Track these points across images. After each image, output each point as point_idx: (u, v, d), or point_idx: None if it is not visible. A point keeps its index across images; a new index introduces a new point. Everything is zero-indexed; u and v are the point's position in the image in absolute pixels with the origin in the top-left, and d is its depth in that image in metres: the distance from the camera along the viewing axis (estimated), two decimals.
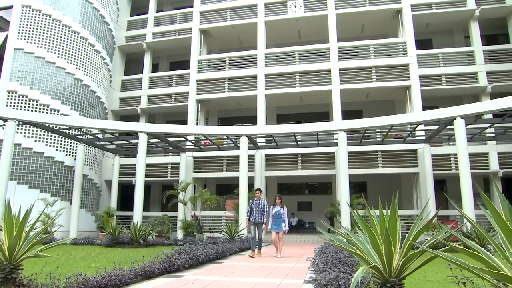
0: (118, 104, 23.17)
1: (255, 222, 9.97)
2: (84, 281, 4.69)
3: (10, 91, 16.89)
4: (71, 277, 4.63)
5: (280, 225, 9.80)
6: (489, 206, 2.15)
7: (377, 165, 17.76)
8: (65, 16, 18.42)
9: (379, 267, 2.86)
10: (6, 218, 4.49)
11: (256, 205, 10.08)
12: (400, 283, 2.85)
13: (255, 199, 10.22)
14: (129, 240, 12.62)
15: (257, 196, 10.25)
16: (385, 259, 2.82)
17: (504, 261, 2.13)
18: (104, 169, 20.60)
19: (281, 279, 5.88)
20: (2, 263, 4.28)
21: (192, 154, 19.57)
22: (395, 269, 2.83)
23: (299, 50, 20.20)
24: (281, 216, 9.84)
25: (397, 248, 2.84)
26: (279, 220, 9.84)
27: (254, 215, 9.99)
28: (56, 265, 5.74)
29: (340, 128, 14.82)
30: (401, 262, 2.81)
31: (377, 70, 18.88)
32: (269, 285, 5.38)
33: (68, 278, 4.59)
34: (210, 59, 21.81)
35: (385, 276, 2.87)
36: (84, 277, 4.76)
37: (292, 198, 22.76)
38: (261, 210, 10.00)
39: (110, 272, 5.26)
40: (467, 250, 2.18)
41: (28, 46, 17.49)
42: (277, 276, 6.24)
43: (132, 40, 23.86)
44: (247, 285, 5.40)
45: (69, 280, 4.57)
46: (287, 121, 22.20)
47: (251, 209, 10.10)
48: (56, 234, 14.20)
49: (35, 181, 16.41)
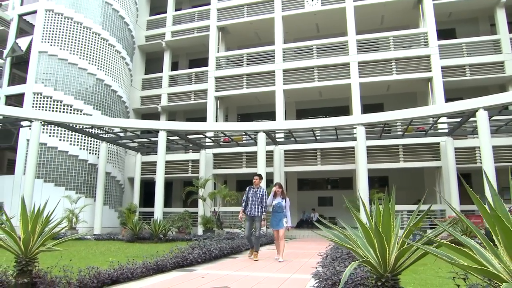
0: (139, 102, 23.64)
1: (251, 216, 8.09)
2: (96, 274, 4.84)
3: (36, 93, 17.54)
4: (83, 270, 4.79)
5: (280, 221, 8.00)
6: (476, 201, 2.10)
7: (398, 159, 17.42)
8: (86, 18, 18.92)
9: (373, 262, 2.83)
10: (21, 213, 4.67)
11: (253, 194, 8.18)
12: (394, 279, 2.81)
13: (253, 186, 8.31)
14: (150, 235, 12.90)
15: (255, 182, 8.32)
16: (378, 254, 2.80)
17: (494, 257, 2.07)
18: (126, 167, 21.09)
19: (290, 273, 5.90)
20: (18, 256, 4.46)
21: (212, 150, 19.76)
22: (389, 265, 2.80)
23: (317, 44, 20.02)
24: (282, 210, 8.03)
25: (391, 243, 2.80)
26: (280, 215, 8.02)
27: (249, 207, 8.11)
28: (70, 258, 5.94)
29: (358, 122, 14.62)
30: (393, 257, 2.77)
31: (397, 62, 18.49)
32: (277, 279, 5.40)
33: (81, 271, 4.76)
34: (228, 56, 21.91)
35: (380, 271, 2.84)
36: (96, 270, 4.91)
37: (313, 193, 22.65)
38: (259, 200, 8.11)
39: (122, 265, 5.42)
40: (452, 245, 2.13)
41: (51, 49, 18.08)
42: (287, 271, 6.25)
43: (151, 39, 24.26)
44: (255, 279, 5.45)
45: (82, 273, 4.73)
46: (306, 116, 22.05)
47: (247, 199, 8.21)
48: (81, 229, 14.67)
49: (60, 179, 17.00)
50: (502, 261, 2.00)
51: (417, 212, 3.13)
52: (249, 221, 8.15)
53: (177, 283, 5.15)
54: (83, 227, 15.31)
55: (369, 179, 14.27)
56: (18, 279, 4.32)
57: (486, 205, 2.13)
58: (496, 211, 1.90)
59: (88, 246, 10.50)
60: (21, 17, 19.71)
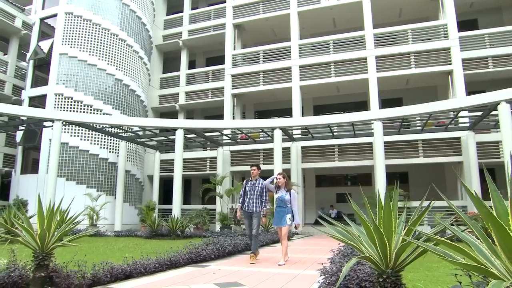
0: (157, 101, 23.99)
1: (248, 212, 7.08)
2: (109, 269, 4.97)
3: (57, 94, 18.05)
4: (97, 265, 4.93)
5: (283, 217, 6.84)
6: (471, 196, 2.05)
7: (417, 154, 17.09)
8: (104, 20, 19.31)
9: (373, 258, 2.80)
10: (38, 211, 4.83)
11: (251, 187, 7.18)
12: (396, 275, 2.77)
13: (250, 178, 7.33)
14: (168, 232, 13.10)
15: (252, 174, 7.29)
16: (379, 250, 2.77)
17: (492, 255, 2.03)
18: (146, 165, 21.46)
19: (301, 270, 5.89)
20: (35, 251, 4.62)
21: (229, 148, 19.87)
22: (390, 261, 2.77)
23: (333, 39, 19.81)
24: (286, 204, 6.90)
25: (392, 240, 2.76)
26: (282, 210, 6.89)
27: (247, 201, 7.13)
28: (85, 254, 6.10)
29: (375, 118, 14.42)
30: (393, 253, 2.73)
31: (416, 55, 18.10)
32: (287, 275, 5.42)
33: (95, 266, 4.89)
34: (244, 53, 21.95)
35: (381, 267, 2.81)
36: (110, 265, 5.04)
37: (331, 189, 22.51)
38: (258, 194, 7.11)
39: (136, 261, 5.54)
40: (448, 242, 2.09)
41: (71, 51, 18.54)
42: (298, 267, 6.25)
43: (168, 38, 24.56)
44: (266, 274, 5.48)
45: (96, 268, 4.86)
46: (324, 112, 21.89)
47: (244, 193, 7.26)
48: (101, 226, 15.02)
49: (82, 177, 17.47)
50: (500, 258, 1.96)
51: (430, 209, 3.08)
52: (247, 218, 7.12)
53: (189, 278, 5.23)
54: (103, 224, 15.68)
55: (388, 175, 14.06)
56: (35, 273, 4.48)
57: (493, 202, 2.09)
58: (485, 207, 1.86)
59: (107, 242, 10.76)
60: (42, 21, 20.27)
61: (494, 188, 2.16)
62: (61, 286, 4.41)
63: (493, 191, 2.15)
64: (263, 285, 4.71)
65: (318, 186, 22.62)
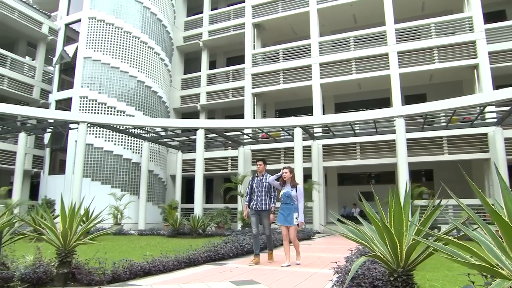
0: (179, 102, 24.32)
1: (256, 210, 6.68)
2: (129, 266, 5.10)
3: (82, 97, 18.60)
4: (117, 262, 5.06)
5: (289, 215, 6.34)
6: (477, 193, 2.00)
7: (442, 151, 16.65)
8: (126, 23, 19.74)
9: (384, 257, 2.77)
10: (61, 210, 5.00)
11: (258, 183, 6.77)
12: (407, 274, 2.73)
13: (257, 174, 6.93)
14: (189, 231, 13.27)
15: (259, 169, 6.88)
16: (389, 249, 2.73)
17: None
18: (168, 164, 21.81)
19: (318, 268, 5.86)
20: (59, 248, 4.78)
21: (250, 147, 19.94)
22: (401, 260, 2.72)
23: (353, 36, 19.55)
24: (293, 201, 6.38)
25: (403, 238, 2.72)
26: (289, 207, 6.39)
27: (254, 199, 6.74)
28: (105, 251, 6.26)
29: (397, 115, 14.15)
30: (404, 252, 2.69)
31: (440, 50, 17.62)
32: (304, 273, 5.40)
33: (115, 263, 5.02)
34: (264, 52, 21.95)
35: (392, 266, 2.78)
36: (129, 263, 5.17)
37: (354, 188, 22.19)
38: (266, 190, 6.68)
39: (155, 258, 5.65)
40: (456, 241, 2.04)
41: (95, 54, 19.05)
42: (316, 265, 6.22)
43: (189, 40, 24.85)
44: (283, 273, 5.49)
45: (116, 265, 4.99)
46: (345, 110, 21.62)
47: (251, 190, 6.86)
48: (125, 225, 15.38)
49: (106, 178, 17.93)
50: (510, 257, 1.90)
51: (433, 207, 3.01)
52: (255, 217, 6.69)
53: (206, 275, 5.30)
54: (127, 222, 16.05)
55: (413, 172, 13.78)
56: (59, 269, 4.65)
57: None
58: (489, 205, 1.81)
59: (130, 240, 11.01)
60: (67, 26, 20.90)
61: (505, 186, 2.11)
62: (82, 282, 4.57)
63: (504, 189, 2.09)
64: (279, 283, 4.71)
65: (340, 185, 22.36)
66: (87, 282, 4.57)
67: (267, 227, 6.70)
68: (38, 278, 4.46)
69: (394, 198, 2.80)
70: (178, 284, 4.69)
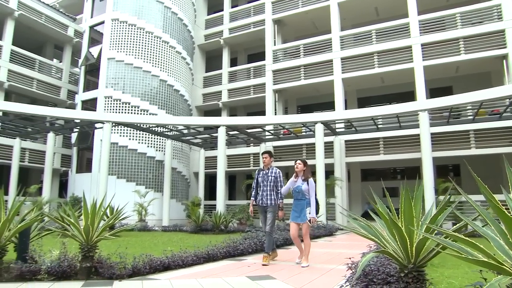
0: (201, 100, 24.58)
1: (262, 205, 6.26)
2: (149, 261, 5.23)
3: (107, 97, 19.09)
4: (138, 257, 5.20)
5: (302, 211, 5.89)
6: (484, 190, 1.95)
7: (469, 145, 16.14)
8: (148, 23, 20.10)
9: (394, 253, 2.74)
10: (84, 207, 5.18)
11: (263, 177, 6.34)
12: (418, 271, 2.69)
13: (262, 168, 6.50)
14: (211, 227, 13.44)
15: (264, 163, 6.42)
16: (399, 245, 2.70)
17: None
18: (191, 162, 22.10)
19: (336, 265, 5.83)
20: (82, 243, 4.96)
21: (272, 143, 19.95)
22: (412, 256, 2.69)
23: (376, 29, 19.19)
24: (304, 196, 5.92)
25: (414, 235, 2.68)
26: (301, 203, 5.93)
27: (260, 194, 6.32)
28: (126, 246, 6.43)
29: (421, 108, 13.81)
30: (414, 248, 2.65)
31: (466, 40, 17.06)
32: (320, 269, 5.40)
33: (135, 258, 5.16)
34: (284, 48, 21.86)
35: (403, 262, 2.74)
36: (149, 257, 5.30)
37: (378, 184, 21.85)
38: (272, 184, 6.25)
39: (175, 254, 5.77)
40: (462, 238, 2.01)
41: (118, 55, 19.50)
42: (334, 262, 6.19)
43: (210, 38, 25.05)
44: (299, 268, 5.51)
45: (136, 260, 5.14)
46: (368, 104, 21.25)
47: (256, 185, 6.44)
48: (150, 222, 15.72)
49: (131, 175, 18.37)
50: None
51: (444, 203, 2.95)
52: (262, 213, 6.29)
53: (223, 270, 5.38)
54: (151, 219, 16.39)
55: (439, 167, 13.44)
56: (82, 264, 4.84)
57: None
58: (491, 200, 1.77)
59: (153, 236, 11.27)
60: (91, 28, 21.45)
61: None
62: (104, 275, 4.74)
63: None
64: (295, 278, 4.73)
65: (364, 180, 22.07)
66: (108, 275, 4.73)
67: (270, 223, 6.14)
68: (63, 272, 4.66)
69: (404, 194, 2.77)
70: (195, 279, 4.78)
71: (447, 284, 3.95)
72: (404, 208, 2.74)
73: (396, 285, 2.87)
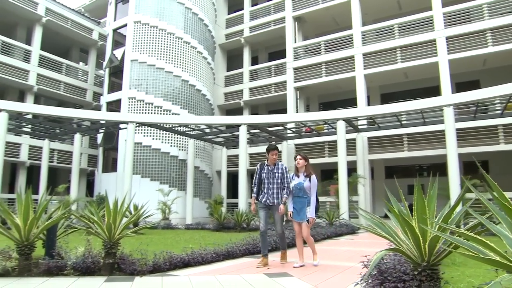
0: (223, 99, 24.77)
1: (266, 204, 5.76)
2: (169, 258, 5.35)
3: (130, 98, 19.55)
4: (158, 254, 5.33)
5: (302, 210, 5.58)
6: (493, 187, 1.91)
7: (498, 141, 15.59)
8: (169, 25, 20.42)
9: (408, 251, 2.71)
10: (106, 206, 5.34)
11: (268, 174, 5.76)
12: (432, 269, 2.65)
13: (266, 163, 5.87)
14: (234, 225, 13.55)
15: (271, 159, 5.80)
16: (412, 243, 2.67)
17: None
18: (214, 160, 22.33)
19: (354, 263, 5.77)
20: (105, 240, 5.12)
21: (294, 141, 19.89)
22: (425, 254, 2.65)
23: (398, 23, 18.80)
24: (306, 194, 5.59)
25: (427, 233, 2.64)
26: (302, 201, 5.61)
27: (265, 192, 5.76)
28: (147, 243, 6.58)
29: (445, 103, 13.45)
30: (426, 246, 2.62)
31: (493, 32, 16.47)
32: (337, 267, 5.38)
33: (156, 255, 5.29)
34: (305, 45, 21.74)
35: (416, 260, 2.71)
36: (169, 254, 5.42)
37: (402, 181, 21.43)
38: (279, 181, 5.70)
39: (194, 251, 5.88)
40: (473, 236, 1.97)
41: (141, 57, 19.91)
42: (354, 259, 6.12)
43: (231, 37, 25.20)
44: (316, 267, 5.48)
45: (157, 257, 5.26)
46: (392, 100, 20.91)
47: (259, 181, 5.87)
48: (173, 220, 16.00)
49: (155, 174, 18.74)
50: None
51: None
52: (264, 211, 5.77)
53: (242, 268, 5.45)
54: (175, 217, 16.67)
55: (466, 164, 13.05)
56: (105, 260, 5.00)
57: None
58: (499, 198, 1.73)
59: (176, 234, 11.47)
60: (115, 31, 21.98)
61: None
62: (126, 271, 4.90)
63: None
64: (311, 276, 4.74)
65: (388, 178, 21.69)
66: (130, 271, 4.88)
67: (279, 223, 5.80)
68: (87, 267, 4.85)
69: (417, 191, 2.73)
70: (214, 275, 4.85)
71: (467, 283, 3.87)
72: (417, 206, 2.71)
73: (410, 283, 2.84)
